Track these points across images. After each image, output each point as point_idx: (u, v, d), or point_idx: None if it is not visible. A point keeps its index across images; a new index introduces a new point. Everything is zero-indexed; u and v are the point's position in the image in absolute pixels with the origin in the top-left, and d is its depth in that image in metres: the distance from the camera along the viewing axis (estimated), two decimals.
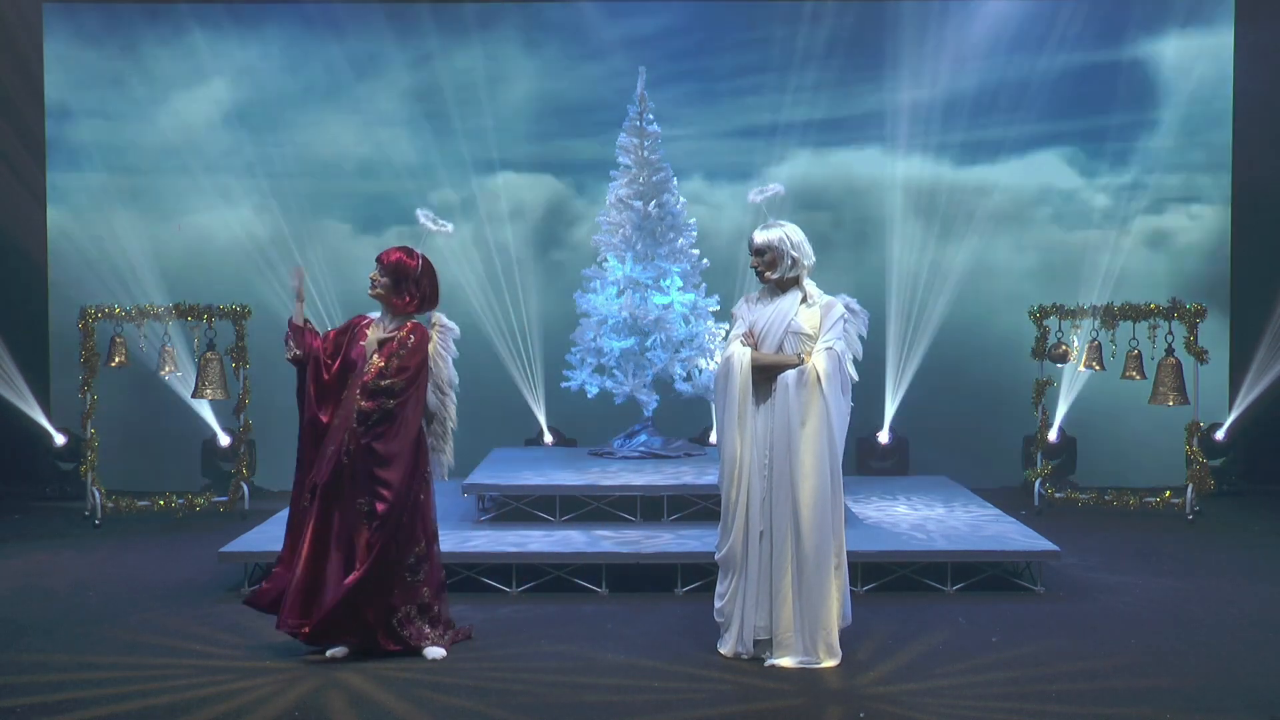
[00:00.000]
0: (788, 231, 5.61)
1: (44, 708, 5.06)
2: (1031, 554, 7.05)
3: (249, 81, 10.75)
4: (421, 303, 5.76)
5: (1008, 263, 10.80)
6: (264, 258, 10.71)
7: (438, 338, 5.79)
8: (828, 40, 10.62)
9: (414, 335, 5.65)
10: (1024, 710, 5.03)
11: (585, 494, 7.71)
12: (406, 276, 5.68)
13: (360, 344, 5.70)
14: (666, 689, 5.30)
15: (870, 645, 5.87)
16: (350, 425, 5.57)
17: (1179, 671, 5.52)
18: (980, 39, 10.66)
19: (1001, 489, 10.05)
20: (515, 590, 6.87)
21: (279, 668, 5.58)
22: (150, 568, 7.70)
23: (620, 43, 10.68)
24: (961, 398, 10.76)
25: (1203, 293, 10.12)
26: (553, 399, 10.53)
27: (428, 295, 5.77)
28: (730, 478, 5.57)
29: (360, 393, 5.55)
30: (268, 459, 10.47)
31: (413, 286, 5.70)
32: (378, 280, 5.70)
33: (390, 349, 5.60)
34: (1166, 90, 10.67)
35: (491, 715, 4.99)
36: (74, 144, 10.75)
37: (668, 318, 8.47)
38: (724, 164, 10.78)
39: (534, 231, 10.89)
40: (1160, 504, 9.31)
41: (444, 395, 5.82)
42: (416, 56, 10.79)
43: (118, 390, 9.86)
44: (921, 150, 10.73)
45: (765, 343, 5.59)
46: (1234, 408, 10.23)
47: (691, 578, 6.90)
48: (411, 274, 5.68)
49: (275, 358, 10.37)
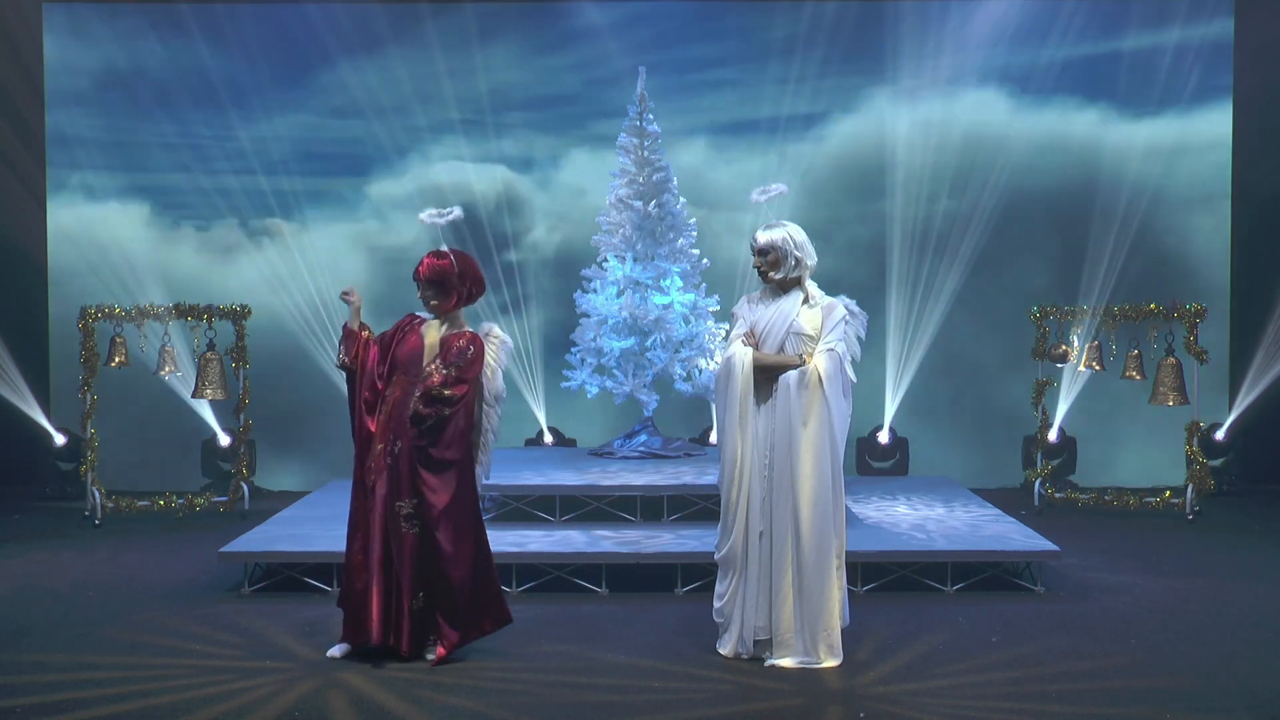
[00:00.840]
0: (790, 231, 5.61)
1: (44, 708, 5.07)
2: (1031, 554, 7.05)
3: (248, 80, 10.74)
4: (472, 291, 5.71)
5: (1009, 262, 10.78)
6: (264, 258, 10.72)
7: (490, 350, 5.74)
8: (828, 37, 10.64)
9: (473, 346, 5.61)
10: (1024, 710, 5.03)
11: (585, 494, 7.71)
12: (447, 278, 5.62)
13: (410, 345, 5.66)
14: (666, 689, 5.30)
15: (870, 645, 5.87)
16: (394, 425, 5.56)
17: (1179, 671, 5.52)
18: (980, 37, 10.67)
19: (1001, 489, 10.06)
20: (515, 590, 6.87)
21: (279, 668, 5.58)
22: (150, 568, 7.70)
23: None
24: (961, 398, 10.76)
25: (1203, 293, 10.12)
26: (553, 399, 10.53)
27: (474, 281, 5.71)
28: (730, 478, 5.56)
29: (421, 398, 5.51)
30: (268, 459, 10.49)
31: (458, 282, 5.64)
32: (427, 297, 5.66)
33: (449, 357, 5.57)
34: (1166, 89, 10.66)
35: (491, 715, 5.00)
36: (74, 144, 10.75)
37: (668, 318, 8.47)
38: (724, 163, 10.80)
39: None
40: (1160, 504, 9.32)
41: (490, 406, 5.79)
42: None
43: (118, 390, 9.86)
44: (923, 145, 10.73)
45: (766, 343, 5.59)
46: (1234, 408, 10.23)
47: (691, 578, 6.90)
48: (450, 274, 5.62)
49: (276, 357, 10.45)
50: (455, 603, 5.58)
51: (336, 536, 7.27)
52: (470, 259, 5.75)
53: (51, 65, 10.74)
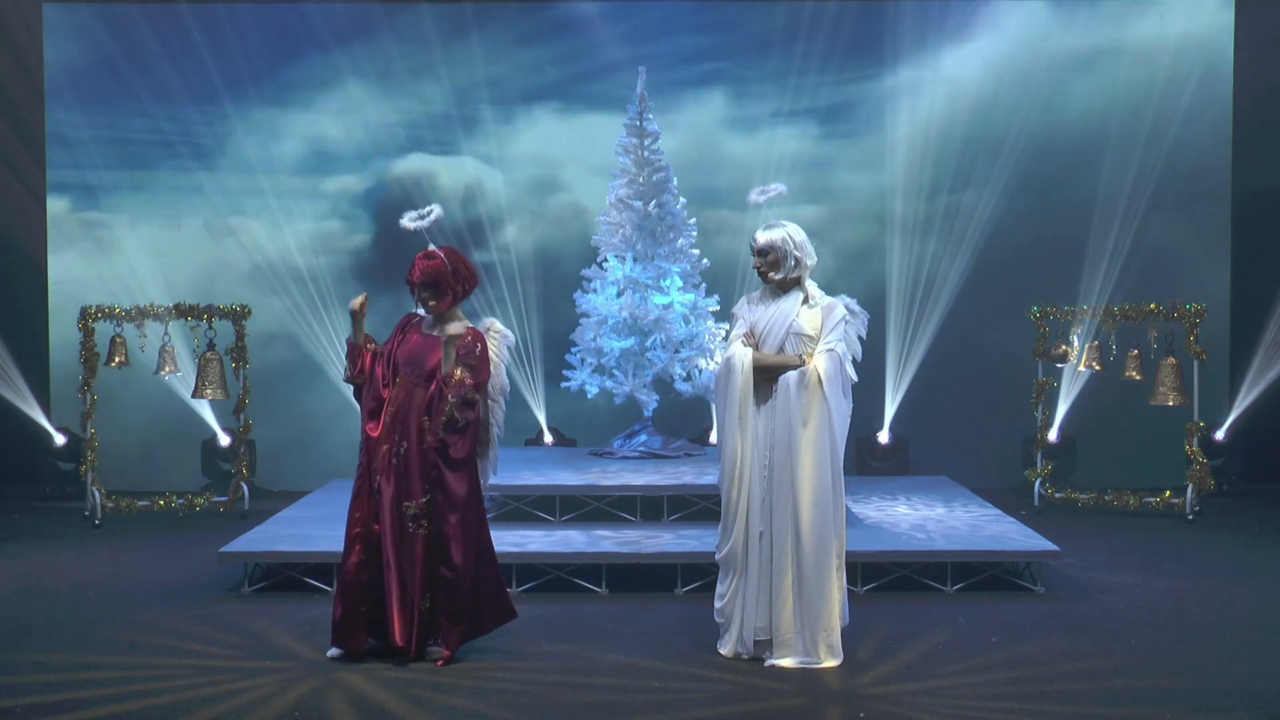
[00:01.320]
0: (790, 232, 5.61)
1: (44, 708, 5.07)
2: (1031, 554, 7.05)
3: (248, 80, 10.74)
4: (468, 285, 5.69)
5: (1008, 263, 10.77)
6: (264, 257, 10.72)
7: (492, 345, 5.71)
8: (828, 33, 10.64)
9: (479, 343, 5.59)
10: (1024, 710, 5.03)
11: (585, 494, 7.71)
12: (441, 278, 5.58)
13: (412, 344, 5.64)
14: (666, 689, 5.30)
15: (870, 645, 5.87)
16: (399, 427, 5.56)
17: (1179, 671, 5.52)
18: (981, 36, 10.68)
19: (1001, 489, 10.05)
20: (515, 590, 6.86)
21: (279, 668, 5.58)
22: (150, 568, 7.70)
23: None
24: (961, 398, 10.76)
25: (1203, 293, 10.11)
26: (553, 399, 10.53)
27: (467, 277, 5.68)
28: (730, 478, 5.56)
29: (456, 404, 5.48)
30: (268, 459, 10.48)
31: (452, 280, 5.61)
32: (424, 299, 5.62)
33: (465, 358, 5.53)
34: (1167, 88, 10.65)
35: (491, 715, 4.99)
36: (74, 144, 10.74)
37: (668, 318, 8.47)
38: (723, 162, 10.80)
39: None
40: (1160, 504, 9.31)
41: (494, 401, 5.77)
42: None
43: (118, 390, 9.86)
44: (922, 147, 10.72)
45: (766, 343, 5.59)
46: (1234, 408, 10.23)
47: (691, 578, 6.90)
48: (444, 273, 5.58)
49: (275, 358, 10.45)
50: (459, 601, 5.56)
51: (336, 537, 7.25)
52: (459, 254, 5.69)
53: (51, 65, 10.74)
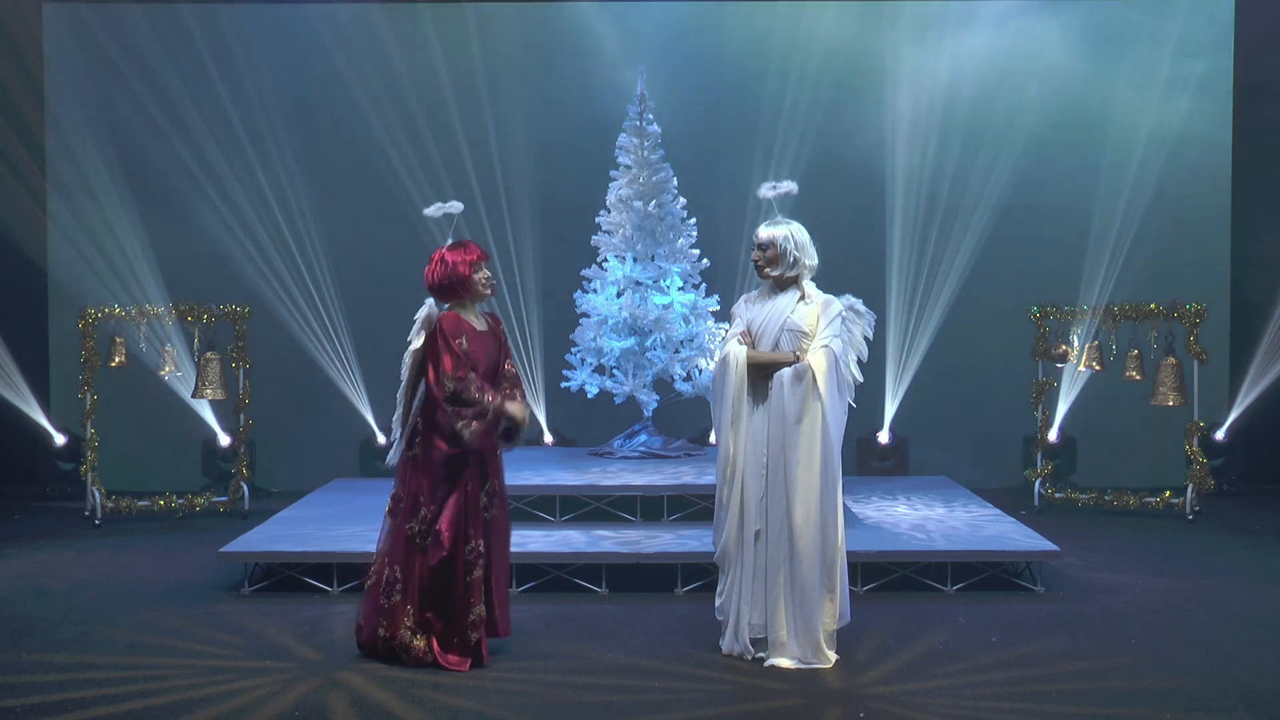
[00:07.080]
0: (793, 231, 5.60)
1: (44, 708, 5.07)
2: (1031, 554, 7.05)
3: (249, 80, 10.74)
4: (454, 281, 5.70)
5: (1008, 263, 10.77)
6: (264, 257, 10.71)
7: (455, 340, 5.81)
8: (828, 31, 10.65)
9: (503, 328, 5.92)
10: (1024, 710, 5.04)
11: (585, 494, 7.71)
12: (437, 282, 5.67)
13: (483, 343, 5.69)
14: (666, 689, 5.31)
15: (870, 645, 5.87)
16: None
17: (1179, 671, 5.52)
18: (979, 40, 10.68)
19: (1001, 489, 10.05)
20: (515, 590, 6.86)
21: (279, 668, 5.59)
22: (150, 568, 7.70)
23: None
24: (961, 398, 10.76)
25: (1203, 293, 10.11)
26: (553, 399, 10.53)
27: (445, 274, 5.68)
28: (723, 475, 5.56)
29: (522, 401, 5.71)
30: (267, 459, 10.48)
31: (447, 279, 5.67)
32: (441, 301, 5.72)
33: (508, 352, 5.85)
34: (1166, 87, 10.65)
35: (491, 715, 5.00)
36: (74, 144, 10.73)
37: (668, 318, 8.47)
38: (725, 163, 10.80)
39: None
40: (1160, 504, 9.32)
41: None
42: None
43: (118, 390, 9.86)
44: (923, 146, 10.72)
45: (762, 340, 5.58)
46: (1234, 408, 10.23)
47: (691, 578, 6.90)
48: (437, 277, 5.67)
49: (275, 357, 10.44)
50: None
51: (336, 537, 7.30)
52: (436, 255, 5.68)
53: (51, 65, 10.74)
